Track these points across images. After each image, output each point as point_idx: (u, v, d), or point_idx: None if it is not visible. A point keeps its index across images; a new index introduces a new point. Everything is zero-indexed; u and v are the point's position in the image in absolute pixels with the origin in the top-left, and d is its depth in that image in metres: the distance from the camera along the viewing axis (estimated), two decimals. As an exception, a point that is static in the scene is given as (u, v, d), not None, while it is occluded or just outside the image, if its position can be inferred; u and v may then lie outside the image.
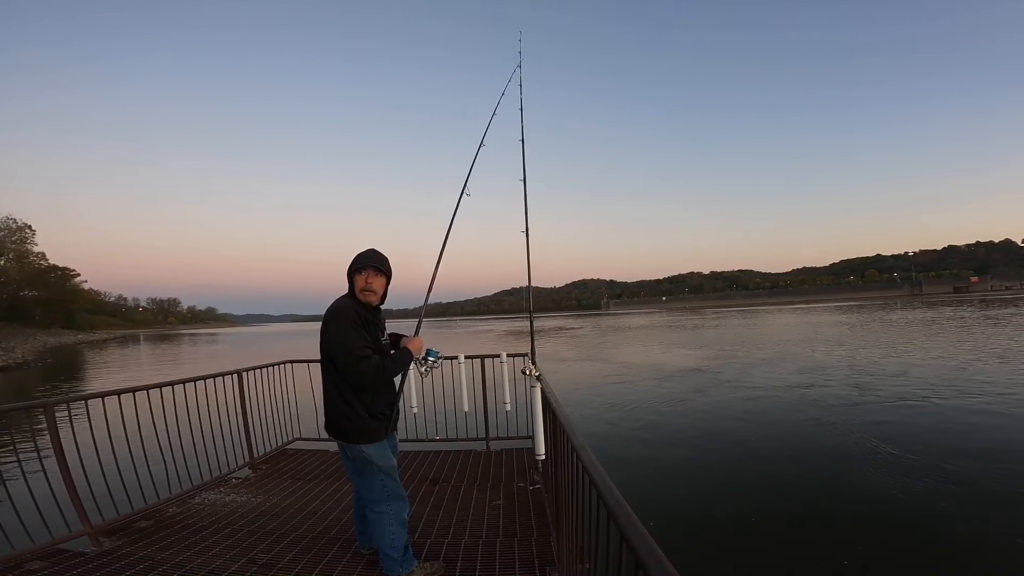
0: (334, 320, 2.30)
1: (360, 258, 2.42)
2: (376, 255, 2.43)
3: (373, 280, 2.40)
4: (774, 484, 5.07)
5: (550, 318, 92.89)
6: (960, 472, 5.03)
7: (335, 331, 2.29)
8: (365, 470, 2.40)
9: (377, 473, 2.39)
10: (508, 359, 4.62)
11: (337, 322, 2.29)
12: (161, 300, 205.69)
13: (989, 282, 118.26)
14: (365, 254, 2.43)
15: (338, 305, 2.37)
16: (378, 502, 2.40)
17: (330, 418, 2.41)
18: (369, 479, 2.41)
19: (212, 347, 40.85)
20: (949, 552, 3.69)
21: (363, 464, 2.39)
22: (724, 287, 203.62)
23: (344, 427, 2.34)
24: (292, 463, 4.63)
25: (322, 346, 2.34)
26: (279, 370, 5.06)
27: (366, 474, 2.41)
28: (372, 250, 2.45)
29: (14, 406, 3.23)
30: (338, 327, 2.28)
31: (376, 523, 2.41)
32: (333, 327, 2.29)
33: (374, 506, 2.41)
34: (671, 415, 8.25)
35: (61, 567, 2.62)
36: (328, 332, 2.31)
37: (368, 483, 2.42)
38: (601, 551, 1.19)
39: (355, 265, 2.41)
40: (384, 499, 2.40)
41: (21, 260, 73.03)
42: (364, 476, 2.42)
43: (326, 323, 2.33)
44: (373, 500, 2.41)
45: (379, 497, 2.40)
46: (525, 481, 3.78)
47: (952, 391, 8.74)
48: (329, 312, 2.36)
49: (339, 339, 2.27)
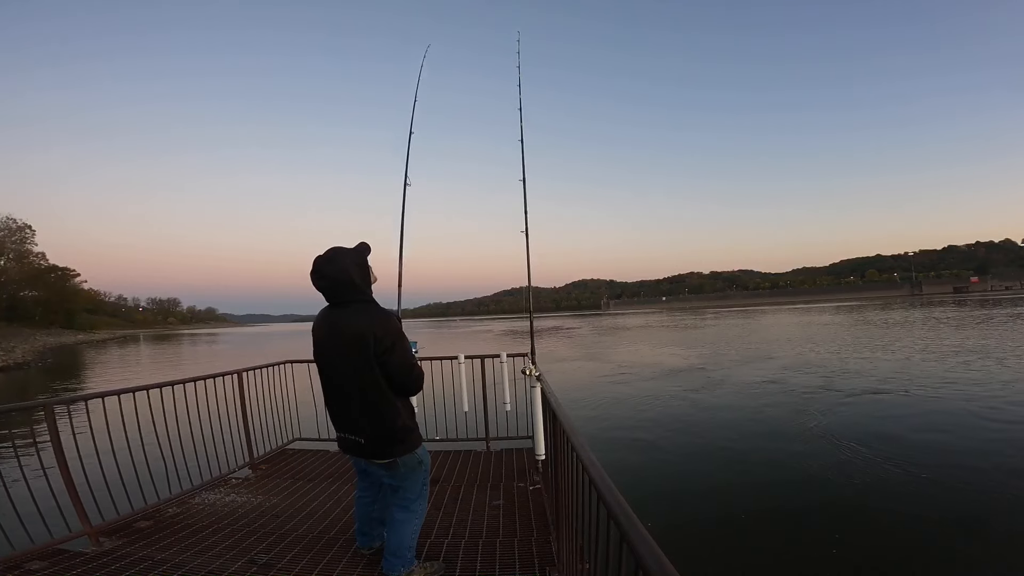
0: (391, 322, 2.18)
1: (365, 250, 2.30)
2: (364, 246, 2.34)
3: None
4: (771, 484, 5.09)
5: (549, 318, 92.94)
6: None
7: (401, 342, 2.19)
8: (414, 472, 2.35)
9: (423, 472, 2.39)
10: (508, 359, 4.61)
11: (397, 329, 2.19)
12: (161, 300, 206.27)
13: (989, 282, 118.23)
14: (362, 247, 2.31)
15: (386, 313, 2.22)
16: (416, 500, 2.38)
17: (372, 436, 2.21)
18: (413, 481, 2.36)
19: (212, 347, 40.85)
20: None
21: (414, 467, 2.34)
22: (724, 287, 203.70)
23: (398, 438, 2.25)
24: (292, 463, 4.63)
25: (374, 354, 2.13)
26: (279, 370, 5.06)
27: (412, 476, 2.36)
28: (360, 244, 2.34)
29: (14, 406, 3.23)
30: (401, 336, 2.20)
31: (404, 522, 2.37)
32: (396, 336, 2.17)
33: (410, 504, 2.37)
34: (660, 414, 8.30)
35: (61, 567, 2.62)
36: (394, 345, 2.16)
37: (411, 484, 2.37)
38: (601, 551, 1.18)
39: (367, 253, 2.30)
40: (422, 496, 2.41)
41: (21, 260, 73.06)
42: (408, 479, 2.35)
43: (380, 334, 2.13)
44: (411, 499, 2.37)
45: (416, 496, 2.38)
46: (525, 481, 3.77)
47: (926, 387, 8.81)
48: (381, 321, 2.17)
49: (405, 349, 2.22)
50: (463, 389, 4.56)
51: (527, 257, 3.61)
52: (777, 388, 10.10)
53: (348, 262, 2.20)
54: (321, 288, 2.22)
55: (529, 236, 3.55)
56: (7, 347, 35.43)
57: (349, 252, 2.24)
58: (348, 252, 2.24)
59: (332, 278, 2.18)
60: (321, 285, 2.21)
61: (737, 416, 7.98)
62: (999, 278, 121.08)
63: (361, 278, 2.23)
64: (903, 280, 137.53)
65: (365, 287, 2.25)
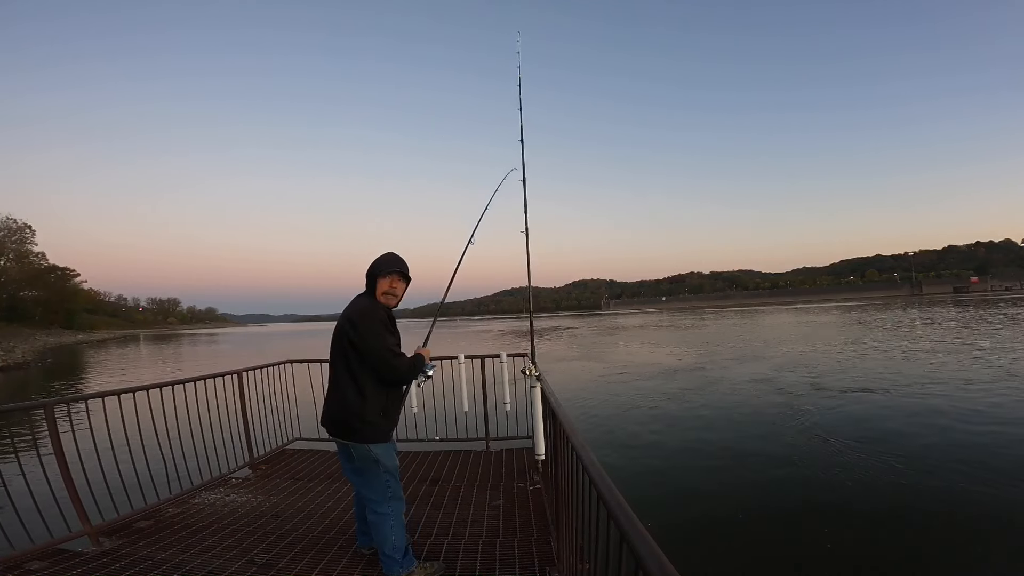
0: (367, 317, 2.34)
1: (386, 262, 2.46)
2: (400, 261, 2.49)
3: (397, 285, 2.48)
4: (769, 483, 5.08)
5: (548, 318, 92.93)
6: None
7: (370, 329, 2.32)
8: (369, 470, 2.38)
9: (382, 473, 2.38)
10: (508, 359, 4.61)
11: (371, 320, 2.34)
12: (161, 300, 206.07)
13: (989, 282, 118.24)
14: (389, 258, 2.48)
15: (367, 304, 2.41)
16: (380, 503, 2.39)
17: (336, 417, 2.38)
18: (373, 479, 2.39)
19: (212, 347, 40.83)
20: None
21: (368, 464, 2.37)
22: (724, 287, 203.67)
23: (354, 425, 2.33)
24: (292, 463, 4.63)
25: (348, 342, 2.34)
26: (279, 370, 5.06)
27: (369, 474, 2.39)
28: (395, 255, 2.50)
29: (14, 406, 3.24)
30: (372, 325, 2.33)
31: (378, 524, 2.38)
32: (367, 324, 2.33)
33: (375, 507, 2.39)
34: (659, 414, 8.30)
35: (61, 567, 2.62)
36: (361, 329, 2.32)
37: (371, 484, 2.40)
38: (601, 551, 1.18)
39: (382, 268, 2.45)
40: (387, 499, 2.40)
41: (21, 260, 73.01)
42: (367, 476, 2.40)
43: (356, 320, 2.34)
44: (375, 501, 2.39)
45: (381, 498, 2.39)
46: (525, 481, 3.77)
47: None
48: (359, 311, 2.38)
49: (375, 336, 2.32)
50: (463, 389, 4.56)
51: (527, 257, 3.61)
52: (770, 387, 10.09)
53: (373, 262, 2.49)
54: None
55: (529, 236, 3.54)
56: (7, 347, 35.42)
57: (381, 257, 2.51)
58: (381, 257, 2.51)
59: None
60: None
61: (736, 416, 7.96)
62: (999, 278, 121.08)
63: (366, 277, 2.48)
64: (903, 280, 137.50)
65: (368, 286, 2.48)
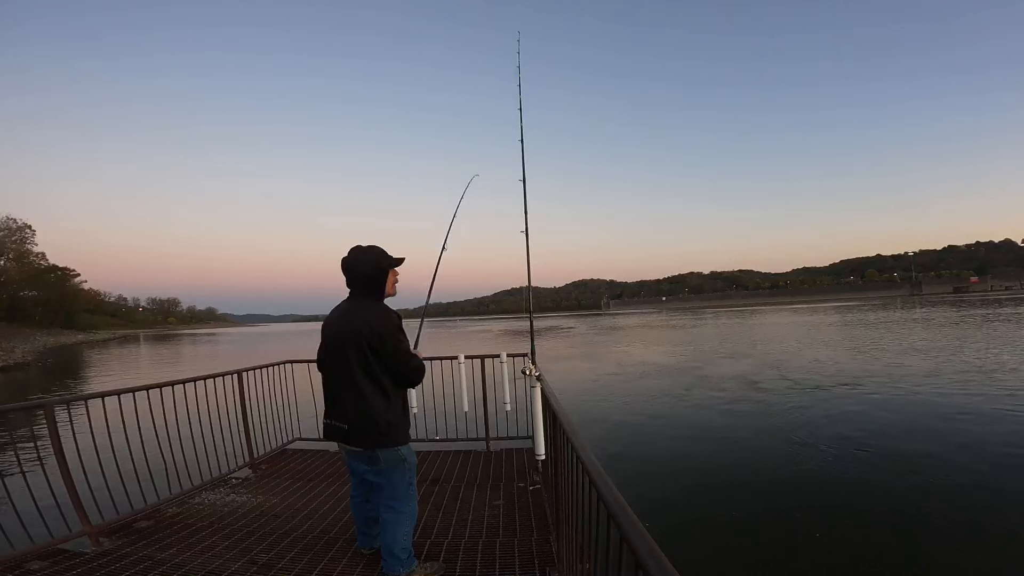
0: (386, 324, 2.30)
1: (385, 255, 2.42)
2: (385, 253, 2.45)
3: (397, 278, 2.50)
4: (767, 482, 5.08)
5: (548, 318, 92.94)
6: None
7: (394, 336, 2.31)
8: (395, 470, 2.36)
9: (407, 472, 2.39)
10: (508, 359, 4.61)
11: (391, 326, 2.32)
12: (161, 300, 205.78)
13: (989, 282, 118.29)
14: (381, 251, 2.42)
15: (383, 310, 2.37)
16: (402, 501, 2.38)
17: (363, 426, 2.28)
18: (398, 480, 2.37)
19: (212, 347, 40.84)
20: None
21: (395, 465, 2.35)
22: (724, 287, 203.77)
23: (381, 429, 2.28)
24: (292, 463, 4.63)
25: (368, 349, 2.27)
26: (279, 370, 5.06)
27: (395, 475, 2.36)
28: (376, 247, 2.44)
29: (14, 406, 3.23)
30: (395, 332, 2.32)
31: (394, 523, 2.37)
32: (390, 331, 2.30)
33: (397, 505, 2.37)
34: (656, 414, 8.30)
35: (61, 567, 2.62)
36: (387, 338, 2.28)
37: (396, 483, 2.37)
38: (601, 551, 1.18)
39: (389, 261, 2.42)
40: (409, 498, 2.41)
41: (21, 260, 73.04)
42: (392, 477, 2.37)
43: (379, 330, 2.28)
44: (397, 499, 2.38)
45: (404, 496, 2.39)
46: (525, 481, 3.77)
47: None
48: (377, 319, 2.31)
49: (399, 342, 2.32)
50: (463, 389, 4.56)
51: (527, 257, 3.61)
52: (768, 388, 10.09)
53: (364, 260, 2.38)
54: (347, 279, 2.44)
55: (529, 236, 3.55)
56: (7, 347, 35.44)
57: (367, 251, 2.40)
58: (366, 251, 2.40)
59: (351, 272, 2.39)
60: (347, 277, 2.42)
61: (734, 415, 7.97)
62: (999, 278, 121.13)
63: (369, 277, 2.38)
64: (903, 280, 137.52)
65: (371, 286, 2.40)
